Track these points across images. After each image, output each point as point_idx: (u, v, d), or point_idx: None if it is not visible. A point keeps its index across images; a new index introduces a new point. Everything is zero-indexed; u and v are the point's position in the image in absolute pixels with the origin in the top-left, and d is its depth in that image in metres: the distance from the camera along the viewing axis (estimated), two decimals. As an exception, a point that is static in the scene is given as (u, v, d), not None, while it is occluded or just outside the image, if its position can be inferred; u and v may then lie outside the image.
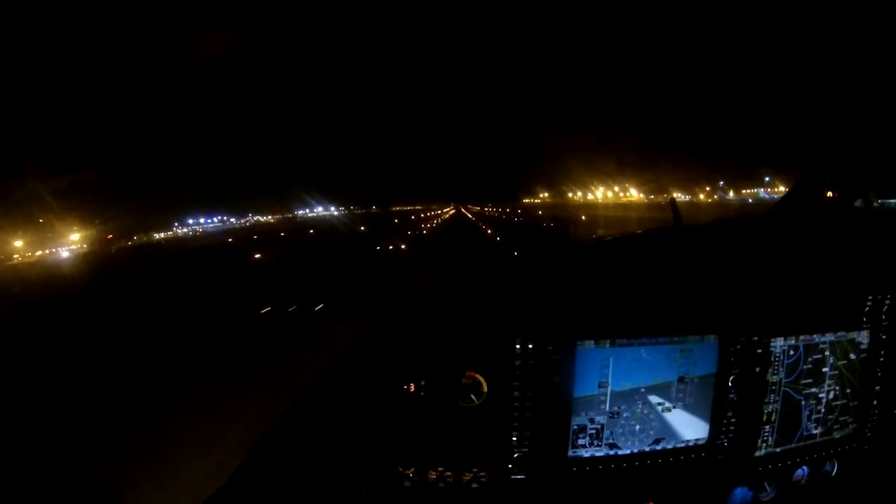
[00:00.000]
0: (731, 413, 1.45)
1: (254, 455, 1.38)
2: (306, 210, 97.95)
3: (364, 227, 51.12)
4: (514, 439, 1.37)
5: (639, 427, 1.41)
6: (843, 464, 1.57)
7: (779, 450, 1.51)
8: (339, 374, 1.49)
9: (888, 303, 1.56)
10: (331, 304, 10.57)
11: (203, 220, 65.78)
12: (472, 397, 1.37)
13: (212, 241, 42.19)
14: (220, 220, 71.09)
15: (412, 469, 1.36)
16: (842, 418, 1.57)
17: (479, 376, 1.37)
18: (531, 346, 1.35)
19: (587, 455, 1.39)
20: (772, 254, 1.60)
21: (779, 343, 1.47)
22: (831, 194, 1.72)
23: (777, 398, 1.48)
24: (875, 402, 1.58)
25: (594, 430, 1.39)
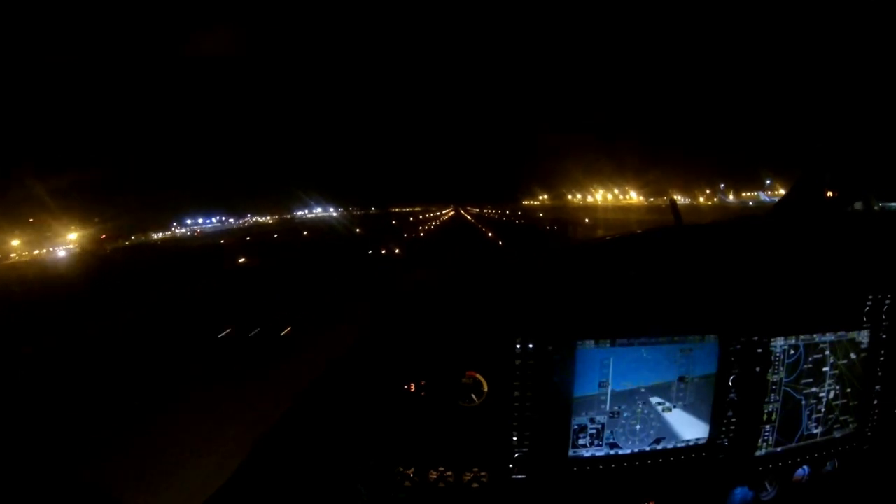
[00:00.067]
0: (731, 413, 1.45)
1: (254, 455, 1.38)
2: (305, 211, 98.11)
3: (360, 229, 50.68)
4: (515, 439, 1.36)
5: (639, 427, 1.41)
6: (843, 463, 1.57)
7: (779, 449, 1.51)
8: (340, 373, 1.49)
9: (888, 303, 1.56)
10: (301, 327, 9.45)
11: (202, 221, 65.82)
12: (472, 397, 1.37)
13: (205, 243, 41.32)
14: (219, 221, 71.09)
15: (412, 469, 1.36)
16: (842, 418, 1.57)
17: (479, 376, 1.37)
18: (531, 346, 1.35)
19: (588, 455, 1.39)
20: (772, 254, 1.60)
21: (779, 343, 1.47)
22: (831, 194, 1.72)
23: (777, 398, 1.48)
24: (875, 402, 1.58)
25: (595, 430, 1.39)
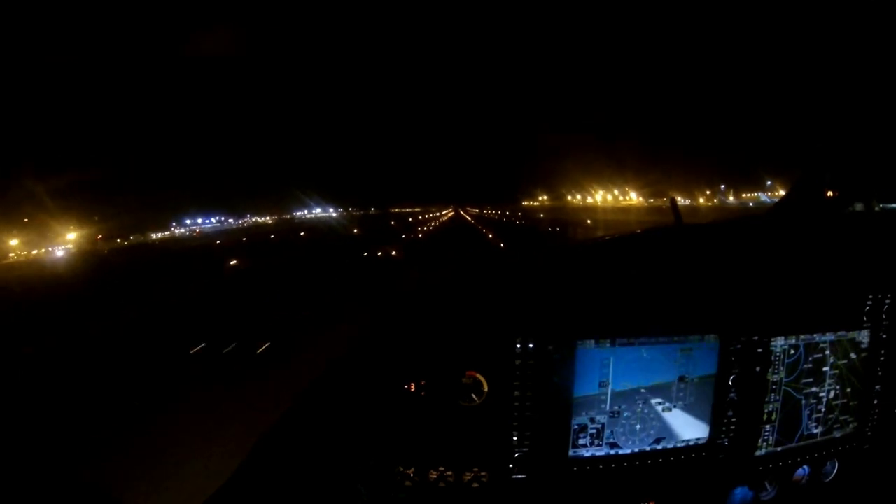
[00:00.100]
0: (731, 413, 1.45)
1: (254, 455, 1.37)
2: (305, 211, 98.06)
3: (358, 229, 50.17)
4: (515, 439, 1.36)
5: (639, 427, 1.41)
6: (843, 463, 1.57)
7: (779, 449, 1.51)
8: (340, 373, 1.49)
9: (888, 302, 1.56)
10: (281, 342, 8.60)
11: (201, 221, 65.77)
12: (472, 397, 1.37)
13: (201, 243, 40.63)
14: (219, 221, 71.05)
15: (413, 469, 1.36)
16: (842, 418, 1.57)
17: (479, 376, 1.37)
18: (532, 346, 1.35)
19: (588, 455, 1.39)
20: (772, 254, 1.60)
21: (779, 342, 1.47)
22: (831, 194, 1.72)
23: (777, 398, 1.48)
24: (875, 402, 1.59)
25: (595, 430, 1.38)
